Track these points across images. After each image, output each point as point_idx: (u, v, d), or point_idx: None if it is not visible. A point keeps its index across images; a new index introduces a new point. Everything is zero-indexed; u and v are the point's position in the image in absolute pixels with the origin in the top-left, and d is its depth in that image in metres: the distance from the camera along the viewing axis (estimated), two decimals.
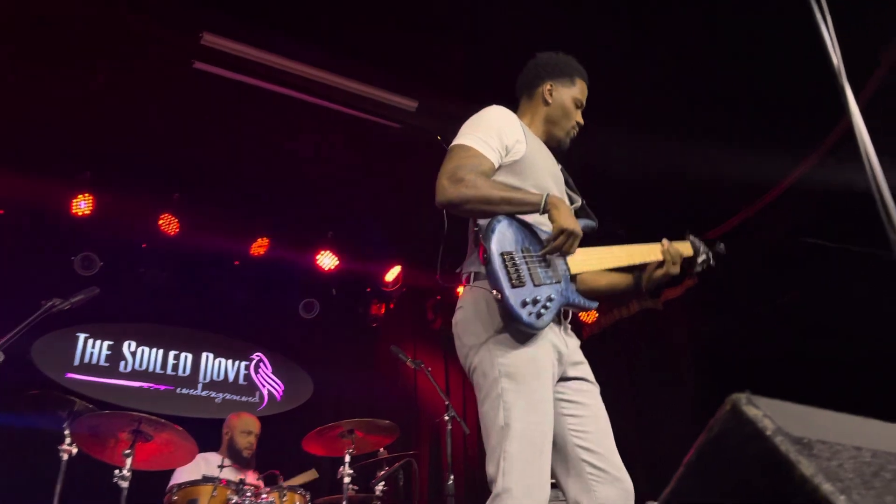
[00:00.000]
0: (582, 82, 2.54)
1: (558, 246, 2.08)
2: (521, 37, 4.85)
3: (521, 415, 1.99)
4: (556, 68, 2.52)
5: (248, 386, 6.63)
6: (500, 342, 2.07)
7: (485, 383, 2.09)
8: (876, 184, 1.56)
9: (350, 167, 6.09)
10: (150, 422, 3.75)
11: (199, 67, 4.81)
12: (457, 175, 2.12)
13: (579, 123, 2.53)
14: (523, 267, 2.08)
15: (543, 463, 1.99)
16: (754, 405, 0.66)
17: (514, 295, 2.02)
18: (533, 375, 2.04)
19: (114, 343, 6.21)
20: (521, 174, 2.26)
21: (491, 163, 2.20)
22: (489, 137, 2.22)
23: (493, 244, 2.06)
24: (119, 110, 5.43)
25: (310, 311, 6.90)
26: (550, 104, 2.48)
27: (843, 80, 1.67)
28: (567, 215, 2.09)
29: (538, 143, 2.41)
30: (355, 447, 4.36)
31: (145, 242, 6.29)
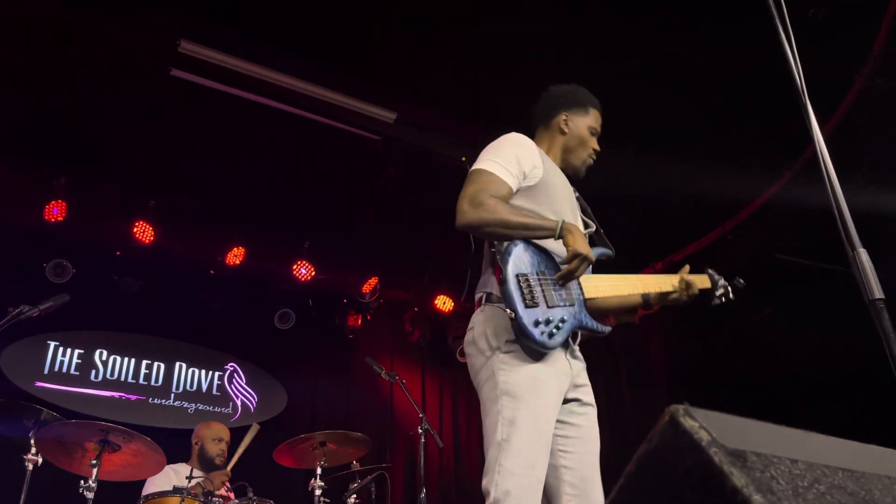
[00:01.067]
0: (596, 111, 2.64)
1: (572, 270, 2.16)
2: (501, 50, 4.92)
3: (519, 431, 2.06)
4: (571, 99, 2.62)
5: (222, 396, 6.56)
6: (504, 361, 2.15)
7: (487, 399, 2.16)
8: (835, 198, 1.59)
9: (328, 178, 6.07)
10: (117, 432, 3.70)
11: (176, 75, 4.79)
12: (477, 199, 2.20)
13: (595, 150, 2.62)
14: (537, 289, 2.17)
15: (535, 480, 2.04)
16: (691, 416, 0.66)
17: (528, 315, 2.10)
18: (533, 394, 2.10)
19: (85, 352, 6.12)
20: (538, 199, 2.35)
21: (509, 187, 2.28)
22: (508, 163, 2.31)
23: (509, 266, 2.16)
24: (95, 116, 5.40)
25: (285, 321, 6.85)
26: (567, 133, 2.57)
27: (805, 99, 1.71)
28: (581, 241, 2.16)
29: (555, 170, 2.49)
30: (327, 459, 4.34)
31: (119, 250, 6.21)
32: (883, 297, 1.47)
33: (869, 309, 1.49)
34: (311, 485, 4.25)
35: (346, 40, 4.92)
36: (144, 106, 5.30)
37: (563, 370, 2.21)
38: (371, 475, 4.62)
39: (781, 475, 0.64)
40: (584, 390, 2.32)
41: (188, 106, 5.29)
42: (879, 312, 1.47)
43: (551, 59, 4.86)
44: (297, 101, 5.11)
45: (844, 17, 4.61)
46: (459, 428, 7.49)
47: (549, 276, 2.23)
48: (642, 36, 4.85)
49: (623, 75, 5.09)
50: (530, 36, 4.81)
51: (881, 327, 1.45)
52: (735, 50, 4.71)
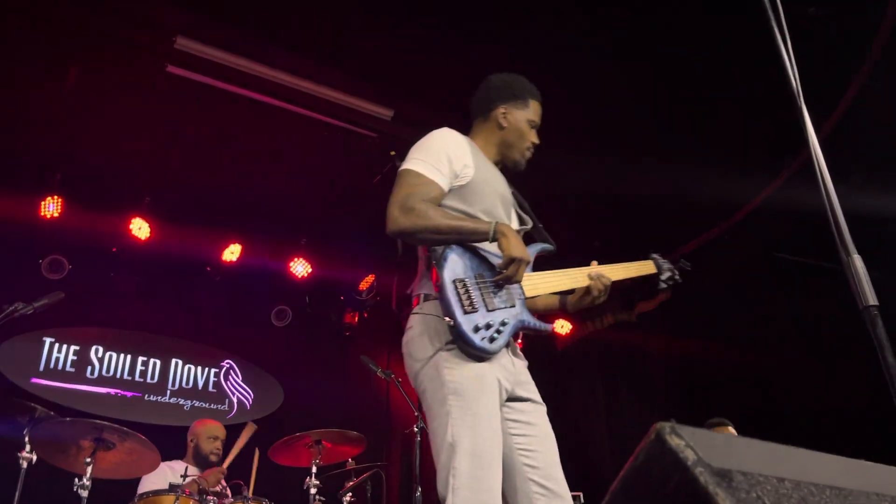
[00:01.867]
0: (535, 102, 2.55)
1: (510, 275, 2.11)
2: (497, 47, 4.90)
3: (469, 432, 2.00)
4: (509, 90, 2.52)
5: (218, 393, 6.55)
6: (447, 360, 2.09)
7: (433, 401, 2.10)
8: (829, 204, 1.58)
9: (324, 174, 6.06)
10: (112, 430, 3.68)
11: (172, 71, 4.77)
12: (407, 204, 2.13)
13: (535, 143, 2.54)
14: (476, 293, 2.12)
15: (493, 478, 1.99)
16: (678, 435, 0.65)
17: (467, 321, 2.05)
18: (479, 392, 2.05)
19: (80, 348, 6.11)
20: (469, 198, 2.28)
21: (440, 188, 2.22)
22: (438, 162, 2.24)
23: (445, 272, 2.10)
24: (90, 112, 5.37)
25: (282, 318, 6.84)
26: (506, 128, 2.48)
27: (801, 103, 1.70)
28: (516, 243, 2.11)
29: (488, 167, 2.41)
30: (322, 458, 4.33)
31: (115, 246, 6.20)
32: (877, 304, 1.46)
33: (863, 315, 1.48)
34: (307, 483, 4.24)
35: (343, 37, 4.90)
36: (140, 102, 5.27)
37: (505, 367, 2.17)
38: (366, 473, 4.62)
39: (767, 495, 0.63)
40: (530, 388, 2.28)
41: (184, 102, 5.27)
42: (874, 319, 1.46)
43: (548, 59, 4.85)
44: (294, 98, 5.09)
45: (844, 15, 4.60)
46: None
47: (488, 277, 2.17)
48: (640, 37, 4.84)
49: (622, 76, 5.08)
50: (526, 36, 4.79)
51: (875, 335, 1.44)
52: (733, 50, 4.70)
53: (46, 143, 5.61)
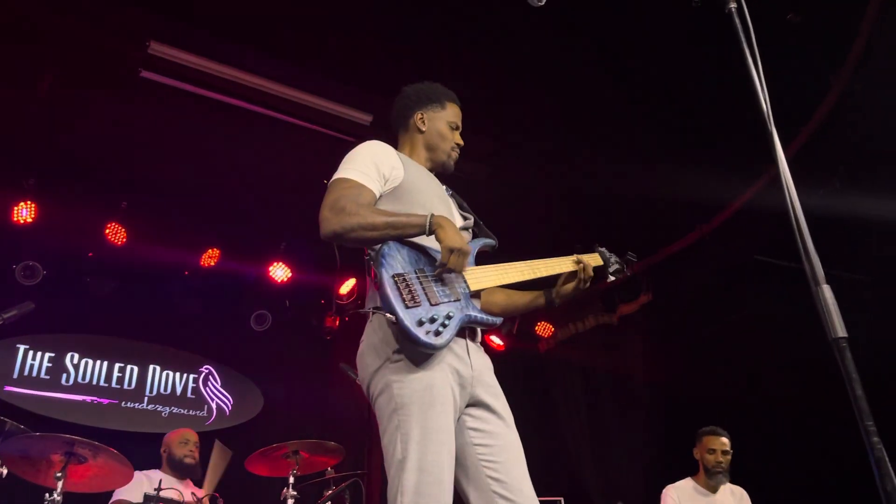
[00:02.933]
0: (452, 104, 2.58)
1: (450, 265, 2.07)
2: (476, 50, 4.87)
3: (417, 446, 1.95)
4: (424, 97, 2.55)
5: (197, 399, 6.48)
6: (395, 371, 2.05)
7: (382, 416, 2.07)
8: (799, 231, 1.55)
9: (303, 179, 5.99)
10: (83, 444, 3.63)
11: (146, 76, 4.69)
12: (338, 205, 2.11)
13: (459, 144, 2.56)
14: (417, 287, 2.07)
15: (441, 494, 1.94)
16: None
17: (410, 315, 1.99)
18: (428, 404, 2.00)
19: (55, 355, 6.03)
20: (404, 199, 2.27)
21: (371, 192, 2.20)
22: (366, 168, 2.24)
23: (383, 268, 2.05)
24: (65, 117, 5.29)
25: (262, 323, 6.78)
26: (425, 132, 2.51)
27: (770, 126, 1.67)
28: (453, 234, 2.08)
29: (418, 169, 2.42)
30: (300, 468, 4.28)
31: (91, 251, 6.13)
32: (846, 336, 1.44)
33: (832, 347, 1.45)
34: (284, 494, 4.19)
35: (321, 42, 4.84)
36: (115, 106, 5.19)
37: (461, 370, 2.11)
38: (345, 483, 4.58)
39: None
40: (494, 390, 2.22)
41: (160, 106, 5.19)
42: (842, 351, 1.43)
43: (529, 60, 4.83)
44: (271, 103, 5.03)
45: (823, 21, 4.60)
46: None
47: (429, 272, 2.13)
48: (623, 37, 4.82)
49: (603, 77, 5.06)
50: (507, 38, 4.76)
51: (843, 367, 1.42)
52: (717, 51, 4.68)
53: (19, 148, 5.51)
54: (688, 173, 5.41)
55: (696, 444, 4.52)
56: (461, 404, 2.11)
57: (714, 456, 4.37)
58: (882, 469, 1.32)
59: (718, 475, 4.35)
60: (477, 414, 2.16)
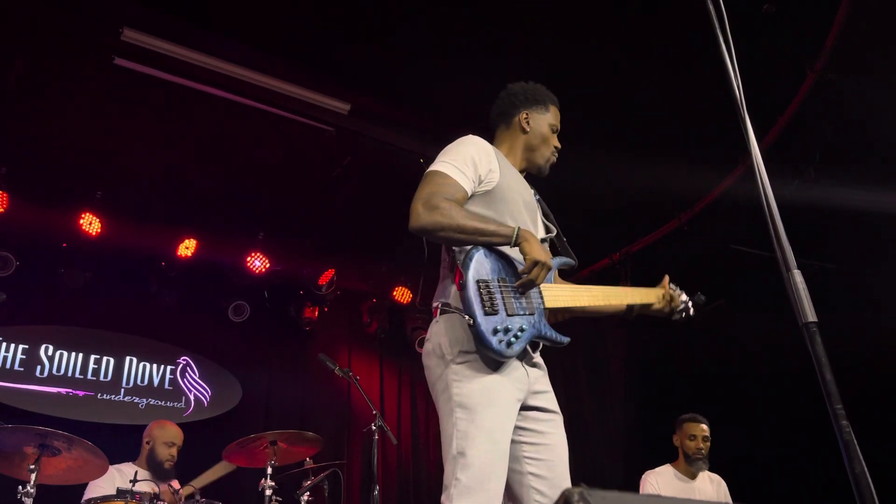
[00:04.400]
0: (555, 108, 2.61)
1: (532, 278, 2.12)
2: (453, 42, 4.85)
3: (473, 444, 2.03)
4: (530, 96, 2.57)
5: (174, 391, 6.42)
6: (458, 372, 2.11)
7: (442, 413, 2.14)
8: (771, 219, 1.56)
9: (281, 168, 5.95)
10: (57, 436, 3.59)
11: (119, 64, 4.62)
12: (431, 202, 2.14)
13: (557, 148, 2.58)
14: (497, 296, 2.12)
15: (493, 492, 2.01)
16: (586, 501, 0.62)
17: (487, 322, 2.05)
18: (486, 405, 2.07)
19: (29, 347, 5.93)
20: (495, 204, 2.30)
21: (465, 191, 2.23)
22: (464, 166, 2.25)
23: (470, 271, 2.10)
24: (36, 104, 5.20)
25: (240, 314, 6.72)
26: (529, 132, 2.53)
27: (744, 113, 1.68)
28: (538, 248, 2.12)
29: (513, 174, 2.43)
30: (278, 458, 4.27)
31: (65, 242, 6.03)
32: (816, 321, 1.45)
33: (802, 332, 1.47)
34: (262, 484, 4.17)
35: (298, 30, 4.80)
36: (88, 94, 5.11)
37: (519, 379, 2.17)
38: (324, 473, 4.57)
39: None
40: (545, 397, 2.28)
41: (135, 94, 5.12)
42: (812, 336, 1.45)
43: (506, 52, 4.82)
44: (248, 92, 4.98)
45: (797, 11, 4.63)
46: (418, 419, 7.45)
47: (510, 283, 2.17)
48: (599, 30, 4.82)
49: (580, 69, 5.06)
50: (484, 28, 4.74)
51: (813, 352, 1.44)
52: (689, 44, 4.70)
53: None
54: (666, 164, 5.43)
55: (677, 430, 4.57)
56: (517, 409, 2.17)
57: (695, 442, 4.43)
58: (850, 452, 1.34)
59: (698, 461, 4.41)
60: (527, 415, 2.23)
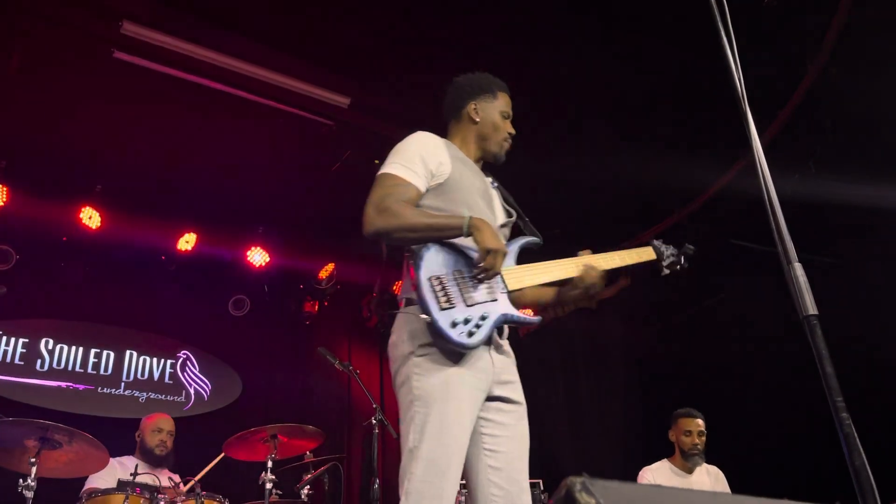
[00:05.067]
0: (504, 94, 2.58)
1: (486, 266, 2.11)
2: (453, 34, 4.84)
3: (429, 437, 2.03)
4: (476, 87, 2.56)
5: (174, 385, 6.43)
6: (418, 364, 2.12)
7: (402, 406, 2.15)
8: (773, 212, 1.56)
9: (281, 162, 5.95)
10: (57, 429, 3.59)
11: (119, 57, 4.61)
12: (382, 205, 2.16)
13: (511, 134, 2.56)
14: (454, 289, 2.13)
15: (445, 485, 2.00)
16: (588, 491, 0.62)
17: (444, 317, 2.07)
18: (444, 399, 2.07)
19: (29, 340, 5.94)
20: (448, 196, 2.30)
21: (416, 189, 2.25)
22: (412, 164, 2.27)
23: (421, 270, 2.12)
24: (36, 98, 5.20)
25: (240, 308, 6.73)
26: (479, 122, 2.52)
27: (745, 107, 1.68)
28: (489, 236, 2.11)
29: (465, 164, 2.43)
30: (278, 452, 4.27)
31: (65, 236, 6.03)
32: (816, 314, 1.45)
33: (803, 325, 1.47)
34: (262, 478, 4.18)
35: (298, 23, 4.78)
36: (88, 87, 5.10)
37: (483, 368, 2.16)
38: (324, 467, 4.58)
39: None
40: (511, 387, 2.27)
41: (135, 88, 5.11)
42: (813, 329, 1.45)
43: (504, 45, 4.81)
44: (248, 86, 4.97)
45: (799, 5, 4.62)
46: None
47: (467, 273, 2.18)
48: (601, 24, 4.81)
49: (579, 62, 5.06)
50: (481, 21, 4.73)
51: (814, 344, 1.44)
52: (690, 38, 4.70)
53: None
54: (665, 159, 5.43)
55: (672, 426, 4.57)
56: (480, 400, 2.17)
57: (690, 438, 4.43)
58: (850, 444, 1.34)
59: (694, 456, 4.41)
60: (489, 405, 2.22)
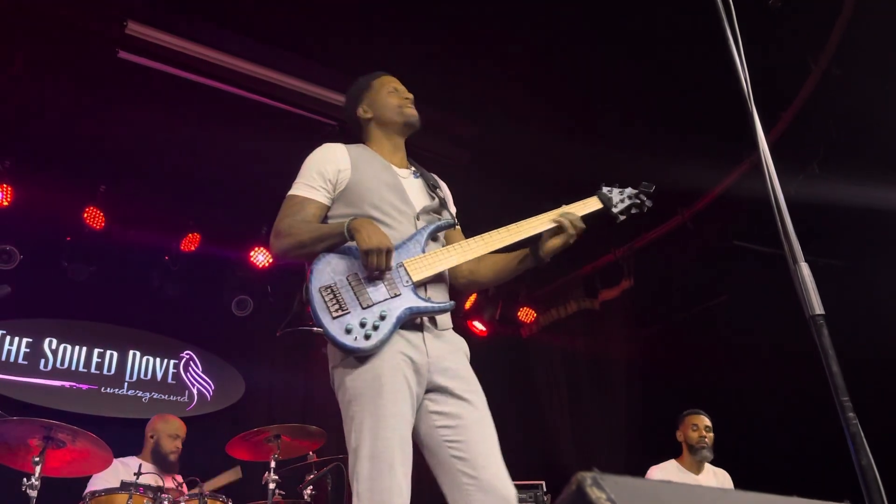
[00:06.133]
0: (380, 79, 2.64)
1: (372, 266, 2.12)
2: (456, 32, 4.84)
3: (368, 434, 2.03)
4: (353, 96, 2.64)
5: (177, 385, 6.44)
6: (347, 365, 2.14)
7: (341, 408, 2.16)
8: (779, 212, 1.56)
9: (284, 162, 5.93)
10: (62, 428, 3.59)
11: (123, 57, 4.62)
12: (277, 228, 2.28)
13: (407, 98, 2.58)
14: (347, 294, 2.14)
15: (392, 480, 1.98)
16: (599, 486, 0.62)
17: (336, 325, 2.09)
18: (376, 394, 2.06)
19: (33, 340, 5.95)
20: (353, 199, 2.34)
21: (317, 203, 2.33)
22: (310, 179, 2.35)
23: (312, 283, 2.15)
24: (40, 98, 5.21)
25: (243, 308, 6.73)
26: (372, 115, 2.57)
27: (752, 107, 1.67)
28: (368, 235, 2.12)
29: (369, 162, 2.44)
30: (281, 452, 4.27)
31: (69, 235, 6.04)
32: (823, 314, 1.45)
33: (809, 324, 1.47)
34: (265, 478, 4.18)
35: (302, 24, 4.79)
36: (92, 88, 5.11)
37: (412, 359, 2.14)
38: (327, 467, 4.58)
39: None
40: (455, 374, 2.21)
41: (139, 88, 5.12)
42: (819, 328, 1.45)
43: (509, 44, 4.81)
44: (252, 86, 4.97)
45: (803, 6, 4.61)
46: None
47: (363, 275, 2.17)
48: (605, 27, 4.81)
49: (585, 66, 5.06)
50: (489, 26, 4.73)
51: (820, 344, 1.44)
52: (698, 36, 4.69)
53: None
54: (669, 159, 5.42)
55: (679, 426, 4.58)
56: (418, 391, 2.15)
57: (697, 432, 4.44)
58: (857, 443, 1.34)
59: (702, 450, 4.41)
60: (437, 398, 2.19)
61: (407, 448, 2.05)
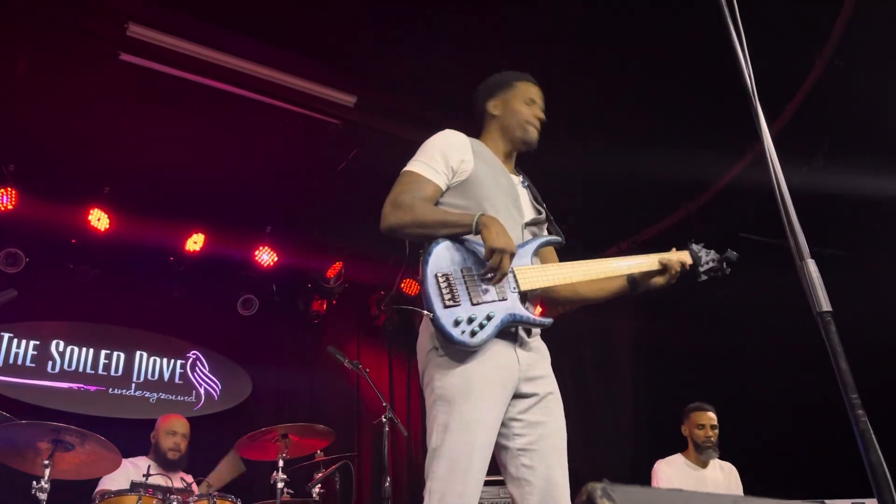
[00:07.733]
0: (524, 83, 2.59)
1: (493, 266, 2.07)
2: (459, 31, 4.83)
3: (450, 436, 2.03)
4: (492, 85, 2.60)
5: (185, 385, 6.46)
6: (439, 365, 2.12)
7: (428, 405, 2.16)
8: (784, 209, 1.55)
9: (287, 161, 5.95)
10: (70, 431, 3.61)
11: (125, 59, 4.62)
12: (397, 200, 2.19)
13: (539, 119, 2.55)
14: (460, 286, 2.11)
15: (466, 484, 1.99)
16: (609, 497, 0.62)
17: (447, 314, 2.06)
18: (465, 397, 2.06)
19: (40, 342, 5.97)
20: (469, 193, 2.31)
21: (435, 185, 2.27)
22: (433, 161, 2.30)
23: (428, 266, 2.11)
24: (43, 100, 5.20)
25: (248, 307, 6.75)
26: (500, 116, 2.54)
27: (755, 102, 1.67)
28: (497, 234, 2.07)
29: (491, 162, 2.42)
30: (289, 451, 4.29)
31: (74, 238, 6.06)
32: (830, 311, 1.44)
33: (817, 321, 1.46)
34: (274, 477, 4.19)
35: (304, 23, 4.78)
36: (94, 89, 5.11)
37: (506, 366, 2.14)
38: (335, 465, 4.59)
39: None
40: (540, 382, 2.23)
41: (142, 89, 5.12)
42: (827, 325, 1.44)
43: (511, 42, 4.79)
44: (253, 86, 4.97)
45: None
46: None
47: (476, 272, 2.16)
48: (605, 18, 4.79)
49: (585, 57, 5.04)
50: (489, 19, 4.71)
51: (828, 340, 1.43)
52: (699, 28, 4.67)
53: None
54: (674, 152, 5.41)
55: (684, 420, 4.57)
56: (505, 398, 2.15)
57: (703, 431, 4.43)
58: (866, 441, 1.33)
59: (708, 450, 4.41)
60: (518, 405, 2.20)
61: (486, 455, 2.07)
